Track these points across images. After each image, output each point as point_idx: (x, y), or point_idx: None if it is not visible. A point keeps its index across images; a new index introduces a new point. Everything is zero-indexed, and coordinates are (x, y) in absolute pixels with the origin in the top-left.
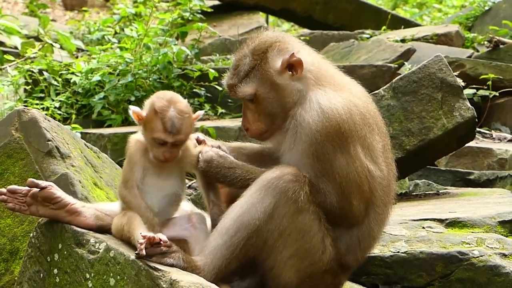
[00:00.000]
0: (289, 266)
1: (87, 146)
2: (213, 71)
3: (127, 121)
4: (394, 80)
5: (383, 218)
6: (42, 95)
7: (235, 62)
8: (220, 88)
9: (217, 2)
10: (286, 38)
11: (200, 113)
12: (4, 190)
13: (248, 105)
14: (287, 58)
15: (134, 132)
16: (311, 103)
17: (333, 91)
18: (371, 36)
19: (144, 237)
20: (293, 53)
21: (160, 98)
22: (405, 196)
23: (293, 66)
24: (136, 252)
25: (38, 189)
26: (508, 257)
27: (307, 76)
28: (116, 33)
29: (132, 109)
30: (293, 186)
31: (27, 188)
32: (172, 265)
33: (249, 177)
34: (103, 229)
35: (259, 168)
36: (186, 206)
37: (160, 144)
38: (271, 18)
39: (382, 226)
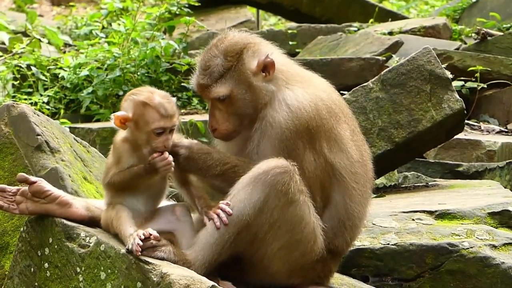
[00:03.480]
0: (278, 257)
1: (76, 141)
2: None
3: None
4: (382, 73)
5: (362, 195)
6: (30, 90)
7: (205, 63)
8: None
9: None
10: (257, 39)
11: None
12: None
13: (218, 105)
14: (263, 60)
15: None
16: (280, 103)
17: (300, 88)
18: (358, 29)
19: (143, 238)
20: (268, 54)
21: (137, 93)
22: (394, 188)
23: (266, 67)
24: (127, 247)
25: (28, 185)
26: (498, 248)
27: (278, 76)
28: (103, 27)
29: (115, 115)
30: (282, 178)
31: (16, 187)
32: (162, 259)
33: (226, 161)
34: (94, 221)
35: (232, 155)
36: (169, 202)
37: (159, 133)
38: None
39: (364, 204)
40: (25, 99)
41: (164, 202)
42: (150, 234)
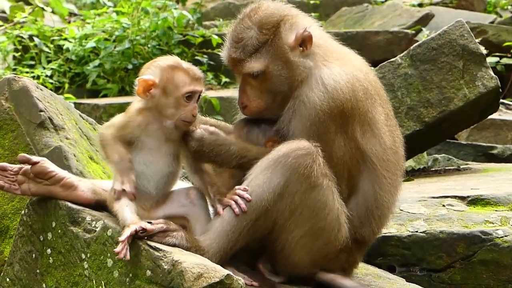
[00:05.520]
0: (300, 246)
1: (82, 117)
2: (216, 37)
3: (124, 91)
4: (411, 47)
5: (392, 184)
6: (33, 62)
7: (237, 34)
8: None
9: None
10: (294, 11)
11: None
12: None
13: (250, 81)
14: (301, 33)
15: (130, 103)
16: (317, 82)
17: (338, 66)
18: (386, 0)
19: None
20: (306, 27)
21: (161, 59)
22: (423, 172)
23: (304, 41)
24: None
25: (30, 165)
26: None
27: (316, 51)
28: None
29: (142, 79)
30: (304, 160)
31: (18, 166)
32: (174, 245)
33: (245, 154)
34: (101, 205)
35: (254, 145)
36: (183, 183)
37: (188, 98)
38: None
39: (394, 193)
40: (27, 72)
41: (178, 185)
42: (144, 229)
